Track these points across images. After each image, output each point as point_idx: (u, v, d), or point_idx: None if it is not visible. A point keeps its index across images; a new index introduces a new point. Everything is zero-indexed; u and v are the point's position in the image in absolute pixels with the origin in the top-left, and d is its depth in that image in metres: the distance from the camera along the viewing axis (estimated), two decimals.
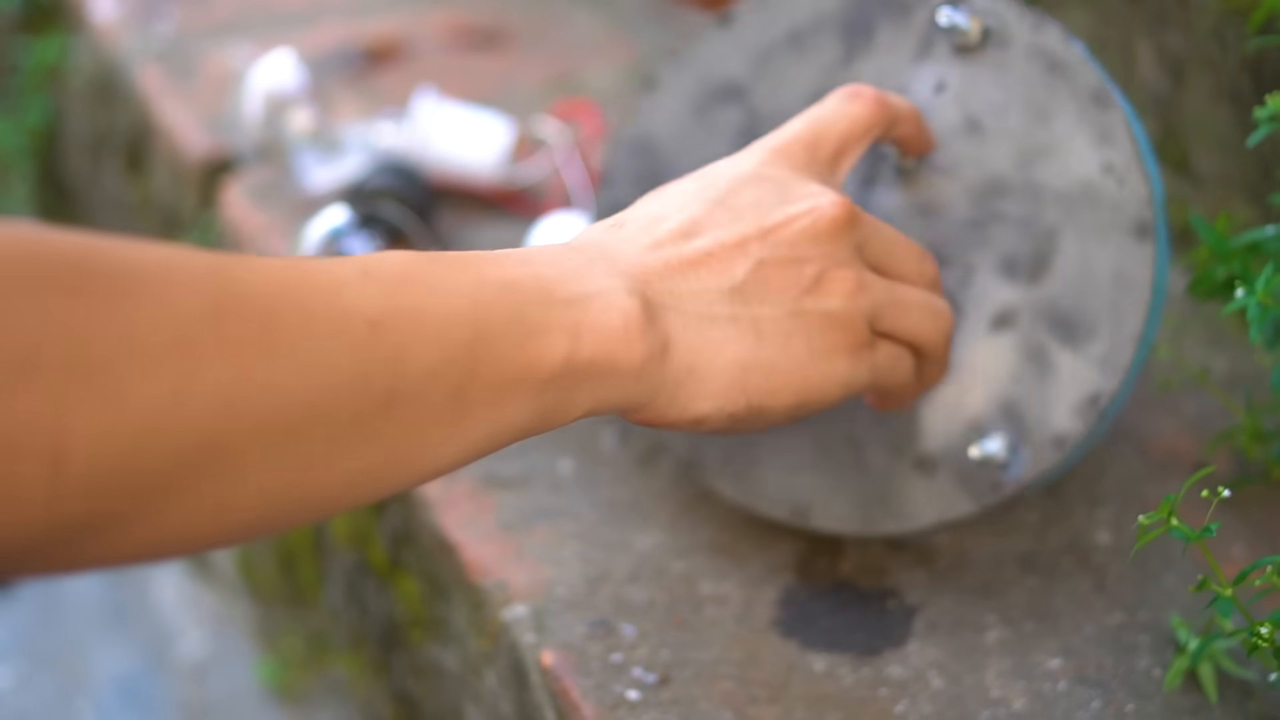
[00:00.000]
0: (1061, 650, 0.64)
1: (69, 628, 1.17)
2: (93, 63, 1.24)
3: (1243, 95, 0.78)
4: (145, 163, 1.15)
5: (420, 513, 0.75)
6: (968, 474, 0.64)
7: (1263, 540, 0.68)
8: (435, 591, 0.75)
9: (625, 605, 0.66)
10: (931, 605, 0.66)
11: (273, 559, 1.02)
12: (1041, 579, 0.67)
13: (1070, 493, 0.72)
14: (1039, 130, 0.64)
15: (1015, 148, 0.64)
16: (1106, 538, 0.69)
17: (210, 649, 1.12)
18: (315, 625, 0.97)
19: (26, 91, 1.40)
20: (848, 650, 0.64)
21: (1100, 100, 0.63)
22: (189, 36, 1.16)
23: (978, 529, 0.70)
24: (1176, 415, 0.76)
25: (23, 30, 1.42)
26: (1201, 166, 0.82)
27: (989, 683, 0.62)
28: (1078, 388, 0.63)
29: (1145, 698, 0.61)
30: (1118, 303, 0.63)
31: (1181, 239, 0.82)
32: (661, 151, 0.71)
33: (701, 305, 0.55)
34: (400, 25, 1.15)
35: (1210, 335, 0.79)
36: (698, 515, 0.71)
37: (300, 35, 1.14)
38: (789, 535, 0.69)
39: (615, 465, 0.74)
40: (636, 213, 0.58)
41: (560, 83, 1.07)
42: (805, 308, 0.57)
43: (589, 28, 1.16)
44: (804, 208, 0.58)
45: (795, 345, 0.57)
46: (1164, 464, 0.73)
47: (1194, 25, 0.80)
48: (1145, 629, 0.65)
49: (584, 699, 0.62)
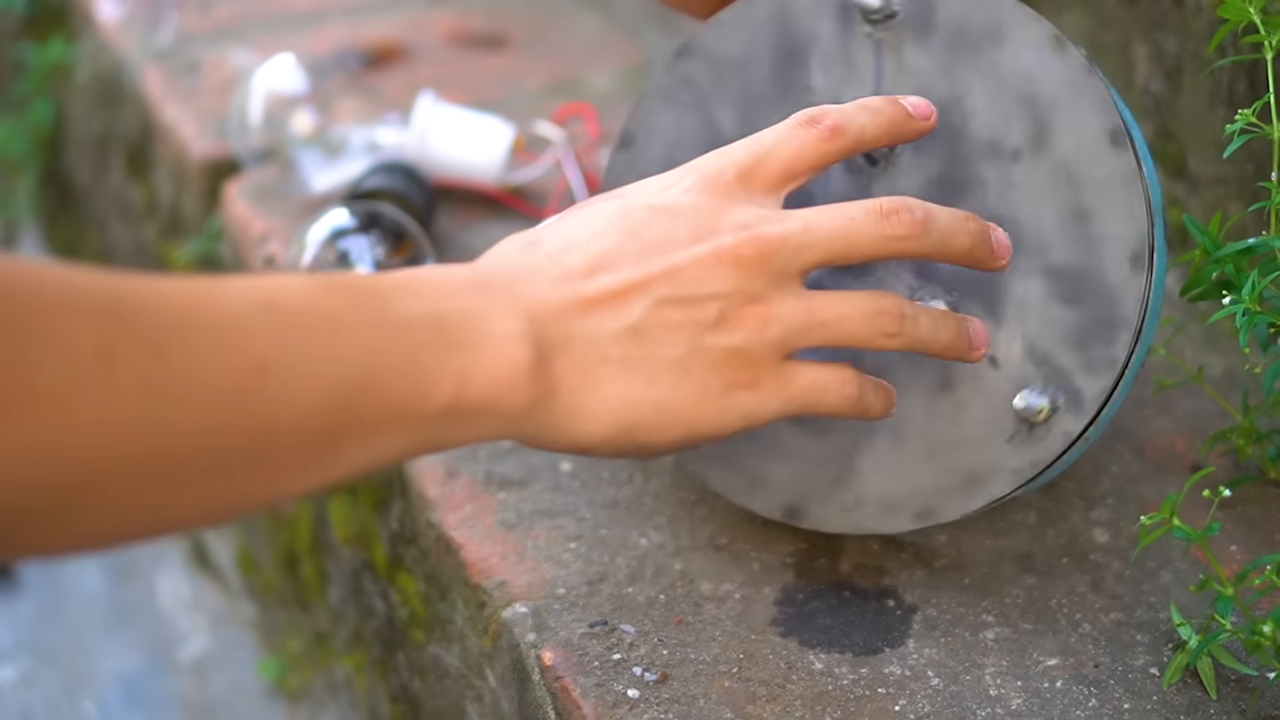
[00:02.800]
0: (1059, 649, 0.64)
1: (72, 625, 1.17)
2: (96, 65, 1.25)
3: (1238, 98, 0.78)
4: (148, 165, 1.15)
5: (421, 513, 0.75)
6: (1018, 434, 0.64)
7: (1259, 539, 0.69)
8: (436, 591, 0.75)
9: (625, 605, 0.67)
10: (930, 604, 0.67)
11: (275, 558, 1.02)
12: (1039, 578, 0.68)
13: (1067, 493, 0.72)
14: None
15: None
16: (1103, 537, 0.70)
17: (213, 648, 1.13)
18: (317, 624, 0.97)
19: (30, 94, 1.40)
20: (846, 649, 0.65)
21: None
22: (192, 39, 1.17)
23: (976, 529, 0.70)
24: (1172, 416, 0.76)
25: (27, 33, 1.42)
26: (1197, 168, 0.82)
27: (987, 681, 0.63)
28: (1092, 328, 0.63)
29: (1142, 696, 0.62)
30: (1116, 257, 0.63)
31: (1178, 240, 0.82)
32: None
33: (595, 348, 0.56)
34: (401, 28, 1.16)
35: (1206, 336, 0.80)
36: (698, 515, 0.72)
37: (302, 38, 1.14)
38: (789, 535, 0.70)
39: (615, 465, 0.75)
40: (553, 234, 0.58)
41: (561, 85, 1.08)
42: (705, 345, 0.57)
43: (590, 30, 1.17)
44: (708, 247, 0.57)
45: (688, 385, 0.57)
46: (1160, 464, 0.73)
47: (1190, 28, 0.81)
48: (1142, 628, 0.65)
49: (584, 698, 0.62)
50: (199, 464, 0.47)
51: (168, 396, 0.45)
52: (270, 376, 0.47)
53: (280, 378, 0.48)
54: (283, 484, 0.50)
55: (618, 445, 0.57)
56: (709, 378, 0.57)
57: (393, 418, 0.51)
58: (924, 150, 0.65)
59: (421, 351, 0.51)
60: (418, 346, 0.51)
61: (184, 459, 0.46)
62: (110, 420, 0.44)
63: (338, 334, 0.50)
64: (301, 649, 1.01)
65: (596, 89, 1.07)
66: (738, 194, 0.59)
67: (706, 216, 0.58)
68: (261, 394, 0.47)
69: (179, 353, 0.45)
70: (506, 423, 0.54)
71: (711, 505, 0.72)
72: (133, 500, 0.46)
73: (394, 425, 0.51)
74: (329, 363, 0.49)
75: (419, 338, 0.52)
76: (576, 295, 0.56)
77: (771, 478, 0.68)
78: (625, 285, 0.56)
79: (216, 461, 0.47)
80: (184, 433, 0.46)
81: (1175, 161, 0.83)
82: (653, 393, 0.56)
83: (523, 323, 0.54)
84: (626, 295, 0.56)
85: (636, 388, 0.56)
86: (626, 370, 0.56)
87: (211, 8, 1.21)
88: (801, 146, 0.59)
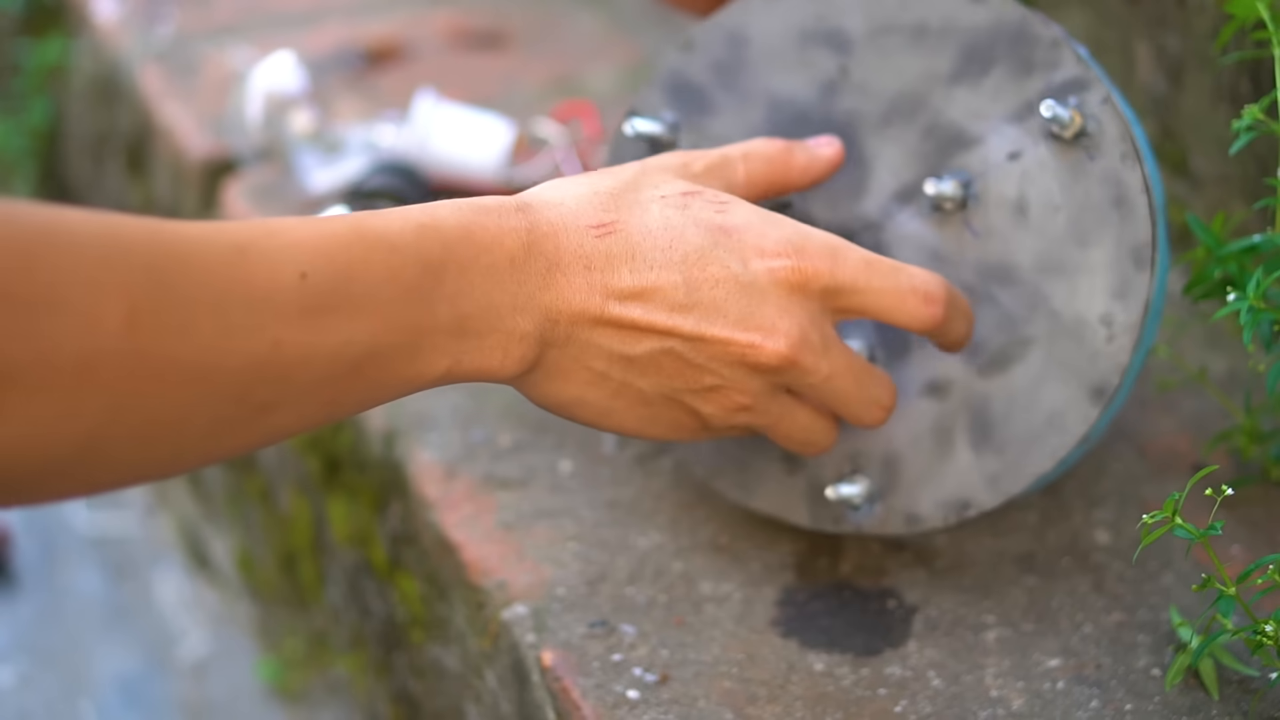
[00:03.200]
0: (1060, 650, 0.64)
1: (70, 627, 1.17)
2: (94, 64, 1.24)
3: (1241, 96, 0.78)
4: (146, 164, 1.15)
5: (421, 513, 0.75)
6: (818, 495, 0.67)
7: (1260, 539, 0.69)
8: (436, 591, 0.75)
9: (625, 605, 0.67)
10: (931, 605, 0.66)
11: (274, 559, 1.02)
12: (1040, 579, 0.68)
13: (1069, 493, 0.72)
14: (1072, 248, 0.63)
15: (1044, 249, 0.63)
16: (1105, 538, 0.69)
17: (211, 649, 1.13)
18: (316, 625, 0.97)
19: (28, 92, 1.40)
20: (847, 650, 0.64)
21: (1138, 259, 0.62)
22: (190, 38, 1.16)
23: (977, 529, 0.70)
24: (1175, 415, 0.76)
25: (24, 31, 1.42)
26: (1199, 167, 0.82)
27: (988, 682, 0.63)
28: (957, 487, 0.64)
29: (1144, 697, 0.61)
30: (1039, 439, 0.63)
31: (1180, 239, 0.82)
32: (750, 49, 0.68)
33: (586, 356, 0.58)
34: (401, 26, 1.16)
35: (1208, 335, 0.79)
36: (698, 515, 0.71)
37: (301, 36, 1.14)
38: (789, 535, 0.70)
39: (615, 465, 0.74)
40: (636, 231, 0.58)
41: (560, 84, 1.08)
42: (678, 397, 0.59)
43: (589, 29, 1.17)
44: (745, 339, 0.58)
45: (641, 412, 0.60)
46: (1162, 464, 0.73)
47: (1192, 27, 0.81)
48: (1144, 628, 0.65)
49: (584, 698, 0.62)
50: (199, 427, 0.49)
51: (185, 367, 0.47)
52: (283, 351, 0.49)
53: (292, 353, 0.50)
54: (277, 434, 0.52)
55: (552, 412, 0.60)
56: (663, 414, 0.60)
57: (384, 382, 0.53)
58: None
59: (432, 333, 0.54)
60: (432, 327, 0.54)
61: (186, 424, 0.48)
62: (125, 395, 0.45)
63: (360, 310, 0.51)
64: (300, 650, 1.01)
65: (596, 87, 1.07)
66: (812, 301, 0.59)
67: (765, 301, 0.58)
68: (272, 367, 0.49)
69: (206, 322, 0.47)
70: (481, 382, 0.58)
71: (712, 505, 0.72)
72: (140, 456, 0.48)
73: (385, 387, 0.54)
74: (340, 343, 0.51)
75: (437, 316, 0.54)
76: (601, 312, 0.57)
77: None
78: (650, 325, 0.57)
79: (217, 427, 0.49)
80: (193, 400, 0.48)
81: (1177, 160, 0.83)
82: (609, 405, 0.59)
83: (537, 323, 0.56)
84: (644, 333, 0.57)
85: (598, 396, 0.59)
86: (599, 381, 0.58)
87: (211, 5, 1.21)
88: (912, 313, 0.60)
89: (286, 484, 0.96)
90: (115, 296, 0.44)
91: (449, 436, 0.77)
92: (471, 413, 0.78)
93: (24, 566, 1.22)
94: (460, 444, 0.76)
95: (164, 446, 0.48)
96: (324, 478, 0.89)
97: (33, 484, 0.45)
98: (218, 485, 1.11)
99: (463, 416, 0.78)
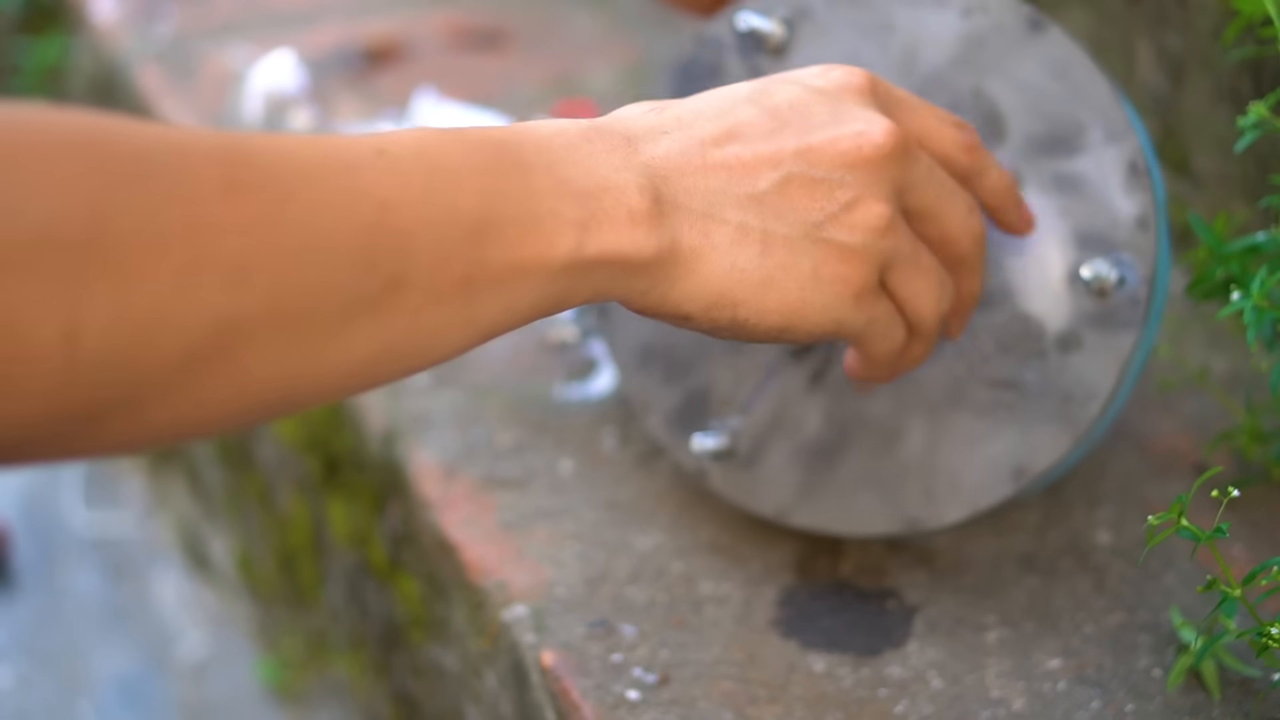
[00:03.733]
0: (1061, 650, 0.64)
1: (69, 628, 1.17)
2: (93, 63, 1.24)
3: (1242, 95, 0.78)
4: None
5: (420, 513, 0.75)
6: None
7: (1263, 541, 0.69)
8: (435, 592, 0.75)
9: (625, 605, 0.66)
10: (931, 605, 0.66)
11: (273, 559, 1.02)
12: (1041, 579, 0.67)
13: (1070, 493, 0.72)
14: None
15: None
16: (1106, 538, 0.69)
17: (210, 649, 1.13)
18: (315, 625, 0.97)
19: (27, 92, 1.40)
20: (848, 650, 0.64)
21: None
22: (189, 37, 1.16)
23: (978, 529, 0.70)
24: (1176, 415, 0.76)
25: (23, 30, 1.42)
26: (1201, 166, 0.82)
27: (989, 683, 0.62)
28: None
29: (1145, 698, 0.61)
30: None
31: (1181, 239, 0.82)
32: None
33: (715, 206, 0.54)
34: (400, 25, 1.15)
35: (1210, 335, 0.79)
36: (698, 515, 0.71)
37: (300, 35, 1.14)
38: (789, 535, 0.70)
39: (615, 465, 0.74)
40: (682, 106, 0.56)
41: (560, 83, 1.08)
42: (824, 235, 0.55)
43: (589, 28, 1.16)
44: (851, 130, 0.56)
45: (797, 270, 0.55)
46: (1164, 464, 0.73)
47: (1193, 26, 0.80)
48: (1145, 629, 0.65)
49: (584, 699, 0.62)
50: (332, 310, 0.45)
51: (296, 233, 0.44)
52: (392, 213, 0.46)
53: (403, 216, 0.47)
54: (425, 336, 0.48)
55: (716, 319, 0.55)
56: (819, 268, 0.55)
57: (518, 268, 0.50)
58: None
59: (540, 198, 0.50)
60: (536, 193, 0.50)
61: (316, 304, 0.45)
62: (239, 256, 0.43)
63: (455, 178, 0.49)
64: (300, 650, 1.01)
65: (596, 87, 1.07)
66: (879, 101, 0.58)
67: (847, 105, 0.57)
68: (385, 230, 0.46)
69: (305, 190, 0.45)
70: (629, 275, 0.53)
71: (711, 505, 0.71)
72: (278, 343, 0.44)
73: (520, 276, 0.50)
74: (448, 207, 0.48)
75: (537, 185, 0.50)
76: (702, 159, 0.54)
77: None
78: (755, 157, 0.55)
79: (350, 308, 0.46)
80: (315, 271, 0.45)
81: (1178, 159, 0.83)
82: (764, 266, 0.55)
83: (640, 176, 0.53)
84: (755, 167, 0.55)
85: (750, 257, 0.54)
86: (742, 236, 0.54)
87: (210, 3, 1.21)
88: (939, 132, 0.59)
89: (286, 484, 0.96)
90: (206, 165, 0.43)
91: (448, 436, 0.77)
92: (471, 413, 0.78)
93: (23, 567, 1.22)
94: (460, 444, 0.76)
95: (302, 334, 0.45)
96: (323, 478, 0.89)
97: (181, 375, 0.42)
98: (217, 485, 1.11)
99: (462, 416, 0.78)
